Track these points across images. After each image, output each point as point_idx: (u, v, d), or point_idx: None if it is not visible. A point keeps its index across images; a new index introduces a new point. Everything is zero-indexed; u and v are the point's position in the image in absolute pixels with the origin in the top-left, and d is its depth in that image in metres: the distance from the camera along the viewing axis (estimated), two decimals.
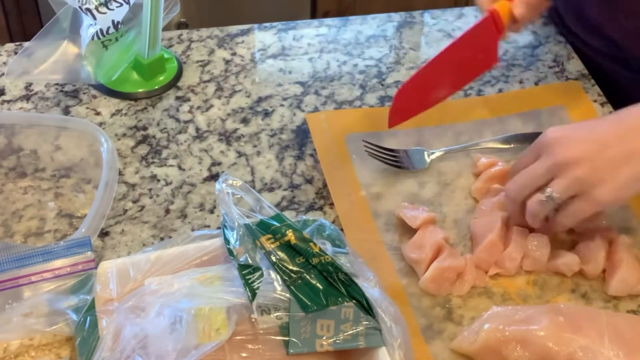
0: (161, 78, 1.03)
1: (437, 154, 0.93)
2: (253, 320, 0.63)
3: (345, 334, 0.63)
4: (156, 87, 1.02)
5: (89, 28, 0.93)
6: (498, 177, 0.90)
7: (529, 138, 0.96)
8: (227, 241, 0.68)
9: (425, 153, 0.93)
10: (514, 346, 0.73)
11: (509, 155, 0.94)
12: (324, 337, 0.63)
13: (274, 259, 0.66)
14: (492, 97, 1.03)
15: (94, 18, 0.92)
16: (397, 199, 0.89)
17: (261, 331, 0.63)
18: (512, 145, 0.95)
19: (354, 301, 0.64)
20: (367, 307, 0.64)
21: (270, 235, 0.68)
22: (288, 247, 0.67)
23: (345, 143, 0.95)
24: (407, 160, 0.92)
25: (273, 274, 0.65)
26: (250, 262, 0.66)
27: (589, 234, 0.84)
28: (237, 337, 0.62)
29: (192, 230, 0.86)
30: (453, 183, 0.92)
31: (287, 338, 0.63)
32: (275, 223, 0.69)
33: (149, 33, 0.97)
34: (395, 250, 0.84)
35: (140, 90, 1.02)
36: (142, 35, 0.98)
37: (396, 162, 0.92)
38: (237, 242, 0.67)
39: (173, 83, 1.04)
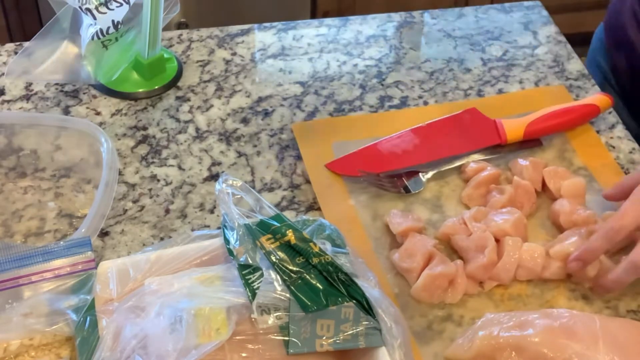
0: (161, 78, 1.03)
1: (430, 174, 0.92)
2: (253, 320, 0.63)
3: (345, 334, 0.63)
4: (156, 87, 1.02)
5: (88, 28, 0.93)
6: (487, 182, 0.89)
7: (518, 143, 0.96)
8: (227, 241, 0.68)
9: (421, 174, 0.92)
10: (508, 353, 0.73)
11: (500, 161, 0.95)
12: (324, 337, 0.63)
13: (274, 259, 0.66)
14: (490, 99, 1.03)
15: (94, 18, 0.92)
16: (386, 207, 0.89)
17: (261, 331, 0.63)
18: (499, 155, 0.95)
19: (354, 301, 0.64)
20: (367, 307, 0.64)
21: (270, 235, 0.68)
22: (288, 247, 0.67)
23: (332, 151, 0.94)
24: (404, 184, 0.91)
25: (273, 274, 0.65)
26: (250, 262, 0.66)
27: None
28: (237, 337, 0.62)
29: (192, 230, 0.86)
30: (443, 191, 0.92)
31: (287, 338, 0.63)
32: (275, 223, 0.69)
33: (149, 33, 0.97)
34: (387, 258, 0.84)
35: (140, 90, 1.02)
36: (142, 35, 0.98)
37: (393, 187, 0.90)
38: (237, 242, 0.67)
39: (173, 83, 1.04)
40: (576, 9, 2.39)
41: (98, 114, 1.00)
